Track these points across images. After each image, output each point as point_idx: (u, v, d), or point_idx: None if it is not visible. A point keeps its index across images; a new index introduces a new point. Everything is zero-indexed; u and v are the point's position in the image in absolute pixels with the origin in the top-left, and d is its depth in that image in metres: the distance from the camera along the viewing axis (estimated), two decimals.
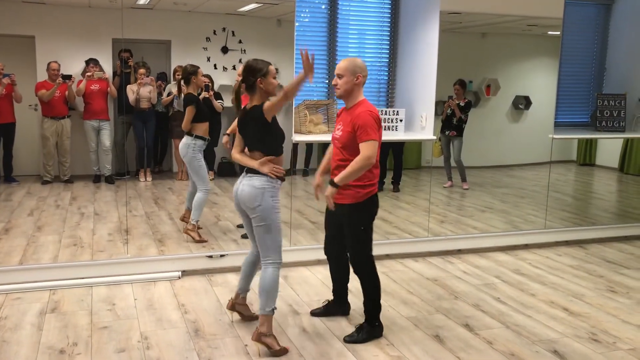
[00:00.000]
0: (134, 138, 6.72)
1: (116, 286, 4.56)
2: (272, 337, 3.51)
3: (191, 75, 5.28)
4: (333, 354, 3.55)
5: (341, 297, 4.10)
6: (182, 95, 5.45)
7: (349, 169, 3.52)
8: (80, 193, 6.64)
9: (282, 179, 3.54)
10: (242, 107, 3.72)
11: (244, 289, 3.91)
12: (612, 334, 3.92)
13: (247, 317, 3.95)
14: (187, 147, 5.29)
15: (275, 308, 3.54)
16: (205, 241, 5.29)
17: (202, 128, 5.35)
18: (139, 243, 5.25)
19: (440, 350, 3.63)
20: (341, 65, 3.62)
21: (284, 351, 3.51)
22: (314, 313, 4.10)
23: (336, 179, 3.55)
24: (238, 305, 3.93)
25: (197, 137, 5.30)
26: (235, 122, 3.78)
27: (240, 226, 5.54)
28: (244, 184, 3.52)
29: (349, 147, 3.60)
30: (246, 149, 3.66)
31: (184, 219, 5.54)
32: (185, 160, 5.35)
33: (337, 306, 4.10)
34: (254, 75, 3.48)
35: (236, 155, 3.68)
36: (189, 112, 5.26)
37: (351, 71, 3.60)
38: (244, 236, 5.33)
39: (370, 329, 3.77)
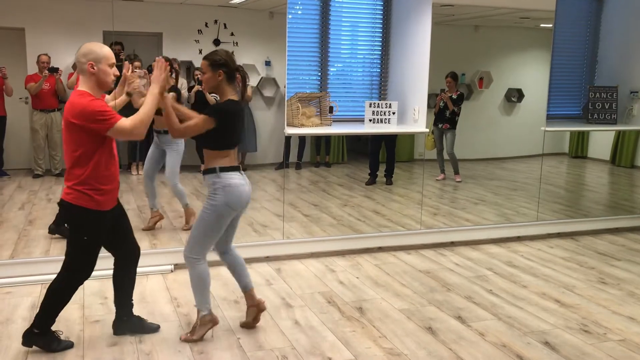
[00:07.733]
0: None
1: (108, 280, 4.52)
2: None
3: None
4: (325, 346, 3.56)
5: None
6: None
7: None
8: None
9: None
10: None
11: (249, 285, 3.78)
12: (603, 325, 3.95)
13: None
14: None
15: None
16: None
17: None
18: None
19: (433, 342, 3.64)
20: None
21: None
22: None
23: None
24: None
25: None
26: None
27: None
28: (248, 183, 3.51)
29: None
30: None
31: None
32: None
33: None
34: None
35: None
36: None
37: None
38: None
39: None
